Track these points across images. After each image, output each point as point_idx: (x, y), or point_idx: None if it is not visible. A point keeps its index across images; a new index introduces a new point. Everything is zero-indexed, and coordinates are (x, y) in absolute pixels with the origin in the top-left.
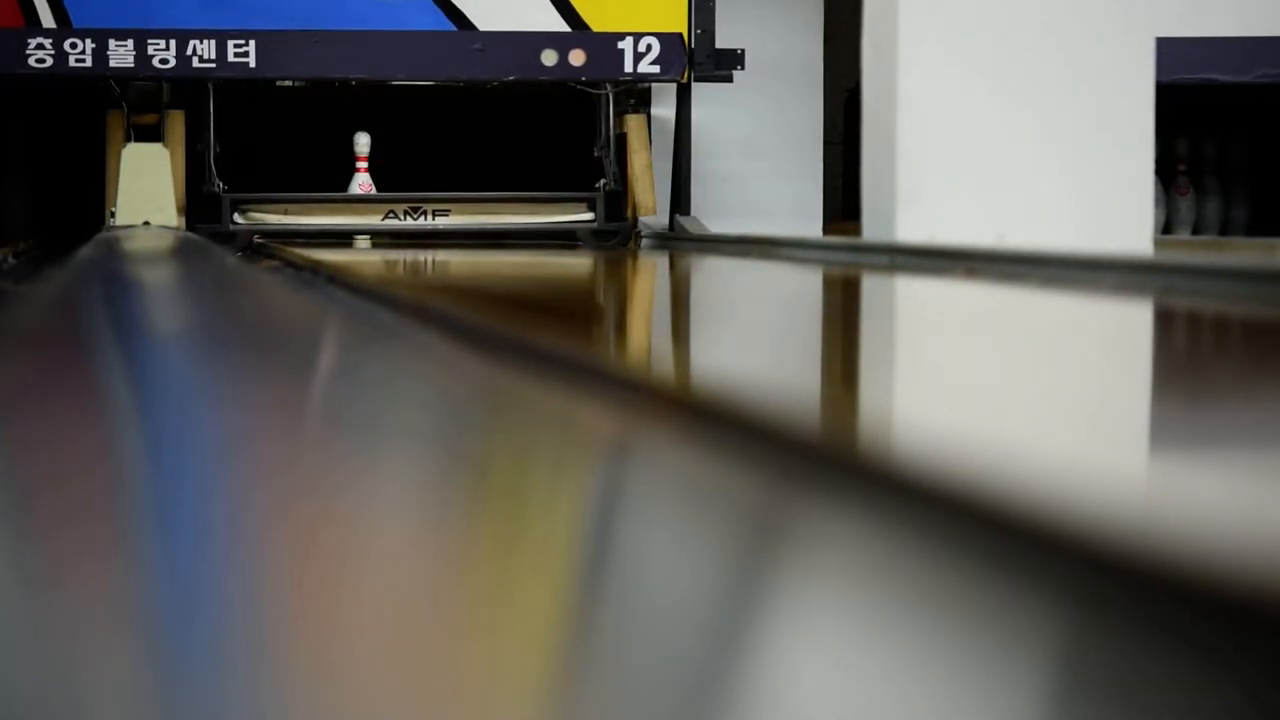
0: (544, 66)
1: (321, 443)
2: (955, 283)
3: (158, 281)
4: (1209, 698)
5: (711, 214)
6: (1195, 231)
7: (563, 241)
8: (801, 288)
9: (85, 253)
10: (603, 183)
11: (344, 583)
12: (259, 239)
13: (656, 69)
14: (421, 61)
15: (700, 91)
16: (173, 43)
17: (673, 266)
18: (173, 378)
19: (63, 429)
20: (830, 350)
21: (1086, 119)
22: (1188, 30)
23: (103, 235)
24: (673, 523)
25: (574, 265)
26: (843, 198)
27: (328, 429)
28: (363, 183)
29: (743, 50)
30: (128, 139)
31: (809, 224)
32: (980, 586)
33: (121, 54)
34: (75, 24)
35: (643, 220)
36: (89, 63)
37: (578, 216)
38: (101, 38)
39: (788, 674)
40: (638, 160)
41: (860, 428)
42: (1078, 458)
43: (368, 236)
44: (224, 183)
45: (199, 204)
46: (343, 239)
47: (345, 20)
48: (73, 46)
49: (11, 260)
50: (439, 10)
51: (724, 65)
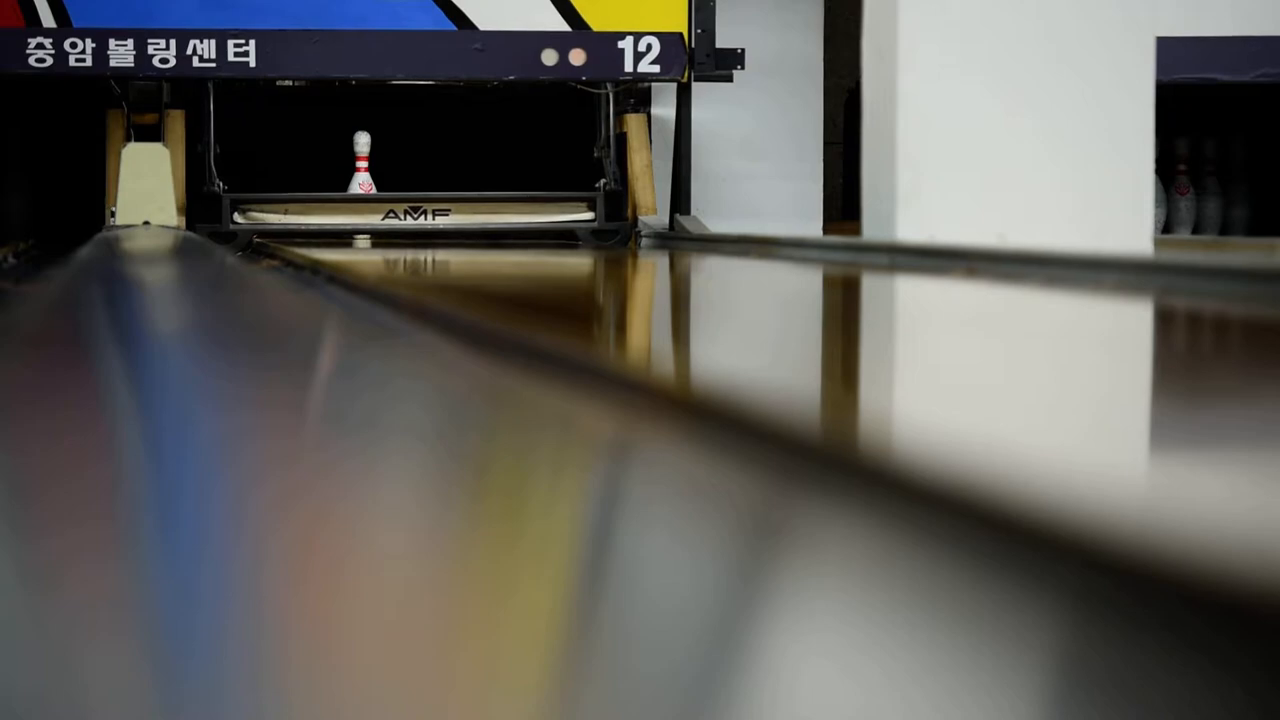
0: (544, 66)
1: (322, 442)
2: (955, 282)
3: (158, 281)
4: (1209, 697)
5: (711, 214)
6: (1195, 231)
7: (563, 241)
8: (801, 288)
9: (85, 252)
10: (603, 182)
11: (344, 582)
12: (259, 239)
13: (656, 69)
14: (422, 61)
15: (700, 91)
16: (173, 42)
17: (673, 266)
18: (173, 378)
19: (63, 429)
20: (830, 350)
21: (1087, 118)
22: (1188, 30)
23: (103, 235)
24: (673, 523)
25: (574, 265)
26: (843, 197)
27: (328, 429)
28: (363, 182)
29: (743, 50)
30: (128, 139)
31: (809, 224)
32: (980, 586)
33: (121, 54)
34: (75, 24)
35: (643, 220)
36: (89, 62)
37: (578, 216)
38: (101, 37)
39: (788, 674)
40: (638, 160)
41: (860, 428)
42: (1078, 457)
43: (368, 236)
44: (224, 182)
45: (199, 204)
46: (343, 239)
47: (345, 20)
48: (73, 46)
49: (11, 260)
50: (439, 10)
51: (724, 65)
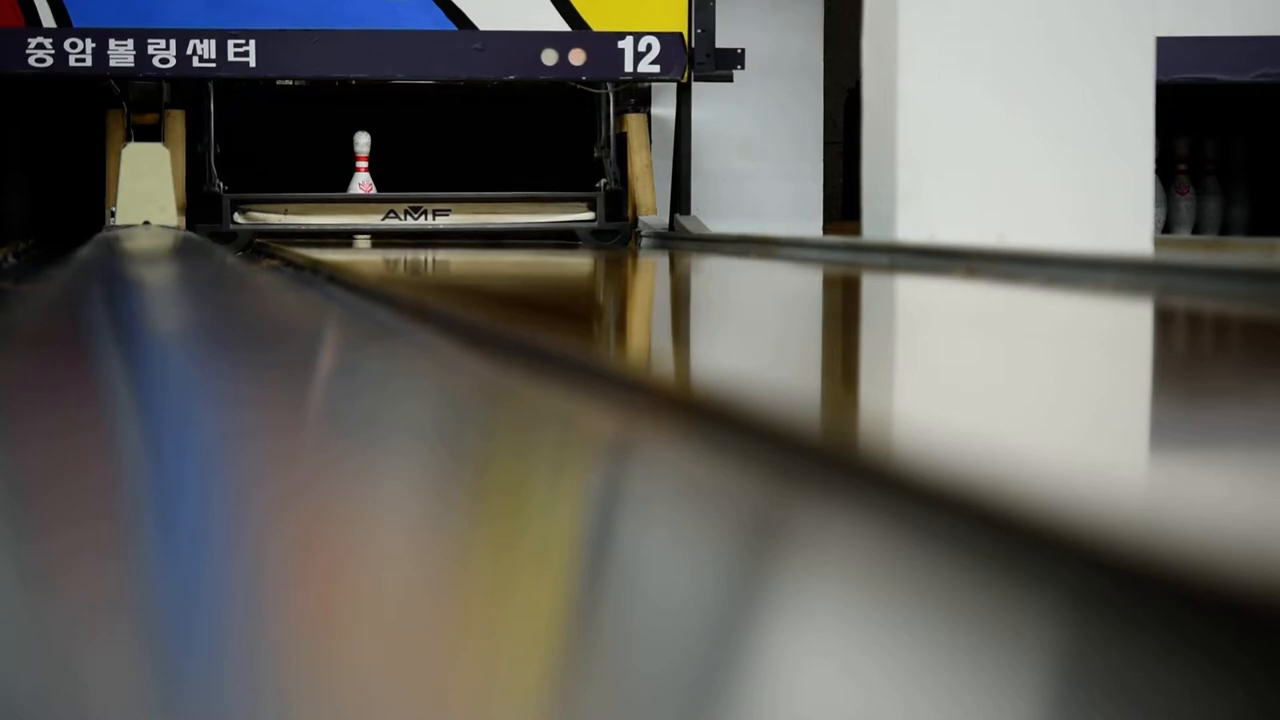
0: (544, 66)
1: (322, 442)
2: (955, 282)
3: (158, 281)
4: (1210, 697)
5: (711, 213)
6: (1195, 231)
7: (563, 241)
8: (802, 288)
9: (85, 252)
10: (603, 182)
11: (344, 582)
12: (259, 239)
13: (656, 69)
14: (422, 61)
15: (700, 91)
16: (173, 42)
17: (673, 266)
18: (173, 378)
19: (63, 429)
20: (830, 350)
21: (1087, 118)
22: (1188, 30)
23: (103, 235)
24: (672, 522)
25: (574, 265)
26: (843, 197)
27: (328, 428)
28: (363, 182)
29: (743, 50)
30: (128, 139)
31: (809, 224)
32: (980, 586)
33: (121, 54)
34: (75, 24)
35: (643, 220)
36: (89, 62)
37: (578, 216)
38: (102, 37)
39: (788, 674)
40: (638, 160)
41: (860, 427)
42: (1078, 457)
43: (368, 236)
44: (224, 182)
45: (199, 204)
46: (343, 239)
47: (345, 20)
48: (73, 46)
49: (11, 260)
50: (439, 9)
51: (724, 65)
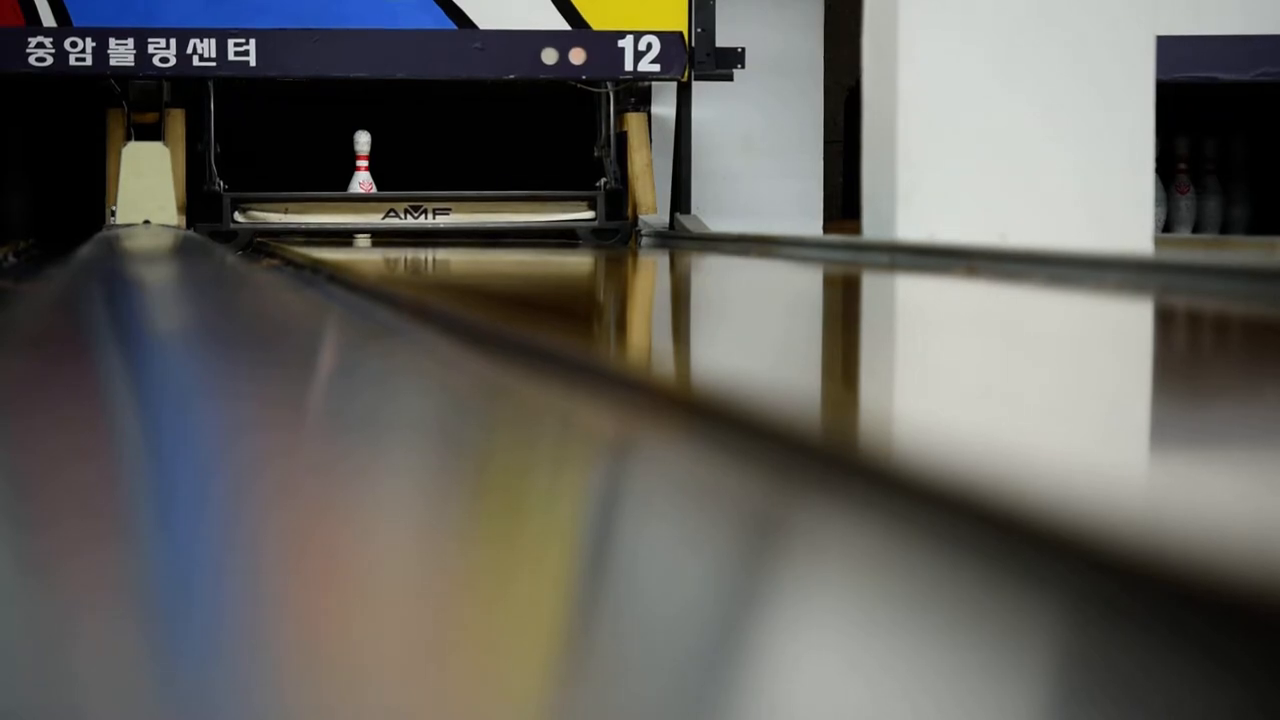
0: (544, 65)
1: (322, 441)
2: (956, 281)
3: (158, 280)
4: (1212, 697)
5: (712, 212)
6: (1196, 230)
7: (563, 240)
8: (802, 287)
9: (85, 251)
10: (603, 181)
11: (344, 580)
12: (259, 238)
13: (657, 68)
14: (422, 60)
15: (701, 90)
16: (173, 41)
17: (673, 265)
18: (173, 377)
19: (63, 428)
20: (830, 349)
21: (1087, 117)
22: (1190, 29)
23: (103, 234)
24: (673, 521)
25: (574, 264)
26: (843, 196)
27: (328, 427)
28: (363, 181)
29: (743, 49)
30: (128, 138)
31: (809, 222)
32: (982, 585)
33: (122, 53)
34: (75, 23)
35: (643, 219)
36: (89, 62)
37: (578, 215)
38: (102, 36)
39: (789, 673)
40: (638, 159)
41: (861, 427)
42: (1079, 457)
43: (368, 235)
44: (224, 181)
45: (199, 203)
46: (343, 238)
47: (346, 19)
48: (73, 45)
49: (12, 259)
50: (439, 9)
51: (724, 64)
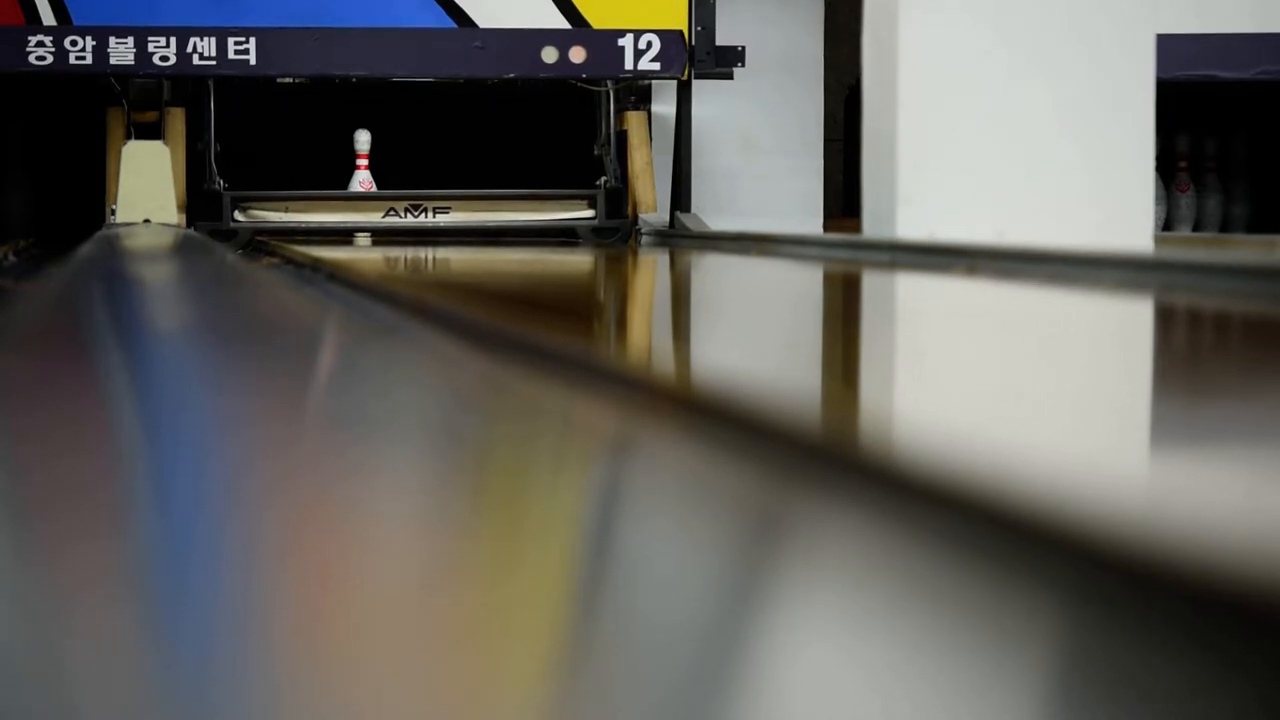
0: (544, 64)
1: (322, 440)
2: (956, 280)
3: (158, 279)
4: (1213, 696)
5: (712, 211)
6: (1196, 228)
7: (563, 239)
8: (802, 285)
9: (86, 250)
10: (603, 180)
11: (345, 577)
12: (259, 236)
13: (657, 66)
14: (422, 59)
15: (701, 89)
16: (173, 40)
17: (673, 264)
18: (173, 376)
19: (63, 427)
20: (831, 348)
21: (1088, 116)
22: (1191, 27)
23: (103, 233)
24: (673, 519)
25: (574, 262)
26: (843, 194)
27: (328, 426)
28: (363, 180)
29: (743, 47)
30: (128, 136)
31: (809, 221)
32: (982, 584)
33: (122, 51)
34: (75, 22)
35: (643, 217)
36: (89, 60)
37: (578, 213)
38: (102, 35)
39: (789, 671)
40: (638, 157)
41: (861, 425)
42: (1079, 455)
43: (368, 234)
44: (224, 180)
45: (199, 201)
46: (343, 236)
47: (346, 17)
48: (73, 44)
49: (12, 258)
50: (439, 7)
51: (724, 62)
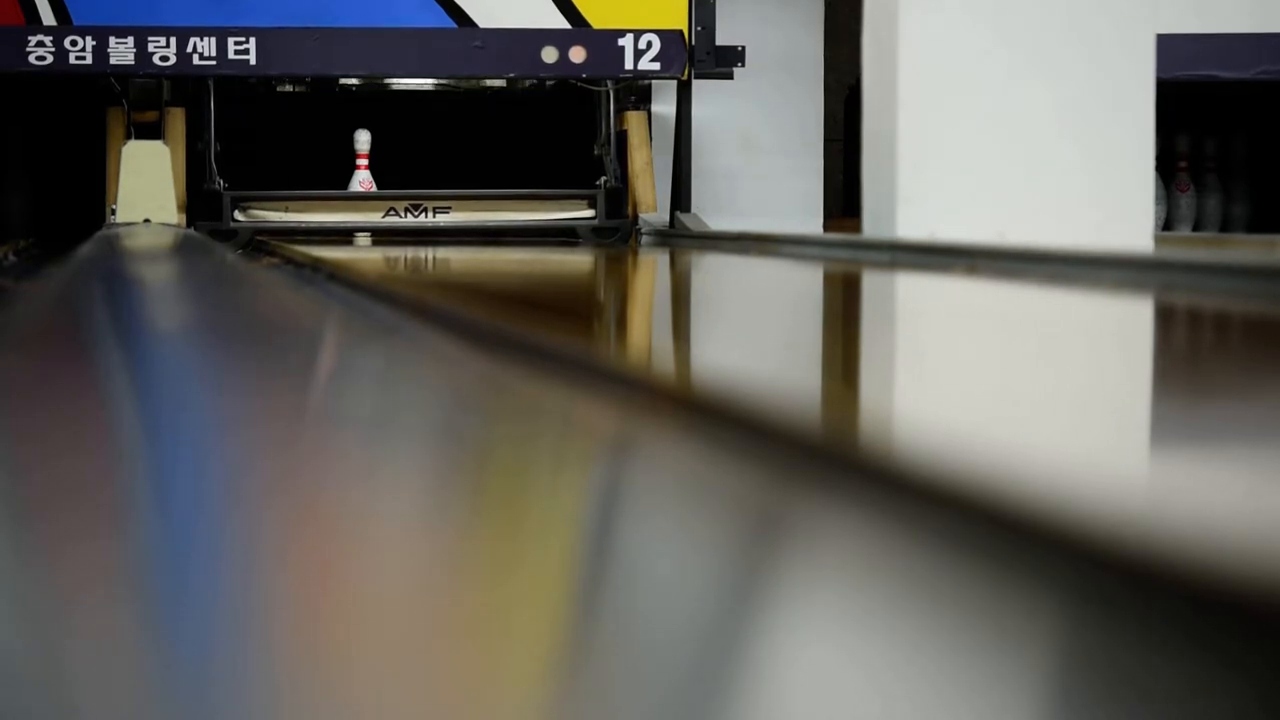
0: (544, 64)
1: (322, 439)
2: (956, 280)
3: (158, 279)
4: (1213, 695)
5: (712, 211)
6: (1196, 228)
7: (563, 238)
8: (802, 285)
9: (86, 250)
10: (603, 180)
11: (345, 579)
12: (259, 236)
13: (657, 66)
14: (422, 59)
15: (701, 88)
16: (173, 40)
17: (673, 263)
18: (173, 375)
19: (63, 427)
20: (831, 348)
21: (1088, 116)
22: (1191, 27)
23: (103, 233)
24: (673, 519)
25: (574, 262)
26: (844, 194)
27: (328, 426)
28: (363, 180)
29: (743, 47)
30: (128, 136)
31: (810, 221)
32: (982, 584)
33: (122, 51)
34: (75, 21)
35: (643, 217)
36: (89, 60)
37: (578, 213)
38: (102, 35)
39: (789, 671)
40: (638, 157)
41: (861, 425)
42: (1079, 455)
43: (368, 234)
44: (224, 180)
45: (199, 201)
46: (343, 236)
47: (346, 17)
48: (73, 44)
49: (12, 257)
50: (439, 7)
51: (724, 62)
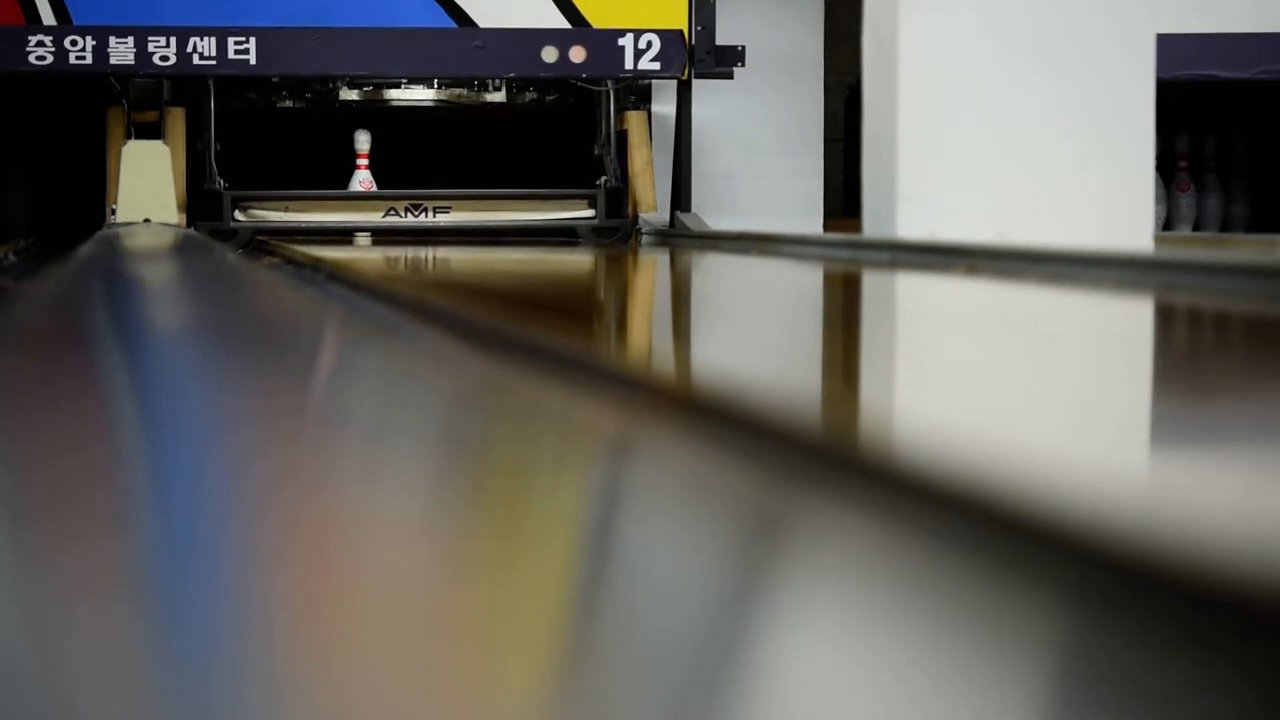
0: (544, 63)
1: (322, 439)
2: (956, 280)
3: (158, 279)
4: (1214, 695)
5: (712, 210)
6: (1196, 228)
7: (563, 238)
8: (802, 285)
9: (86, 250)
10: (603, 179)
11: (345, 578)
12: (260, 236)
13: (657, 66)
14: (422, 59)
15: (701, 88)
16: (173, 40)
17: (673, 263)
18: (173, 375)
19: (63, 427)
20: (831, 347)
21: (1088, 115)
22: (1192, 26)
23: (103, 233)
24: (673, 519)
25: (574, 262)
26: (844, 194)
27: (328, 425)
28: (363, 180)
29: (743, 47)
30: (128, 136)
31: (810, 221)
32: (982, 584)
33: (122, 51)
34: (76, 21)
35: (643, 217)
36: (89, 60)
37: (578, 213)
38: (102, 35)
39: (789, 671)
40: (638, 157)
41: (861, 424)
42: (1079, 454)
43: (368, 234)
44: (224, 180)
45: (200, 201)
46: (343, 236)
47: (346, 17)
48: (73, 44)
49: (12, 257)
50: (439, 7)
51: (724, 62)
